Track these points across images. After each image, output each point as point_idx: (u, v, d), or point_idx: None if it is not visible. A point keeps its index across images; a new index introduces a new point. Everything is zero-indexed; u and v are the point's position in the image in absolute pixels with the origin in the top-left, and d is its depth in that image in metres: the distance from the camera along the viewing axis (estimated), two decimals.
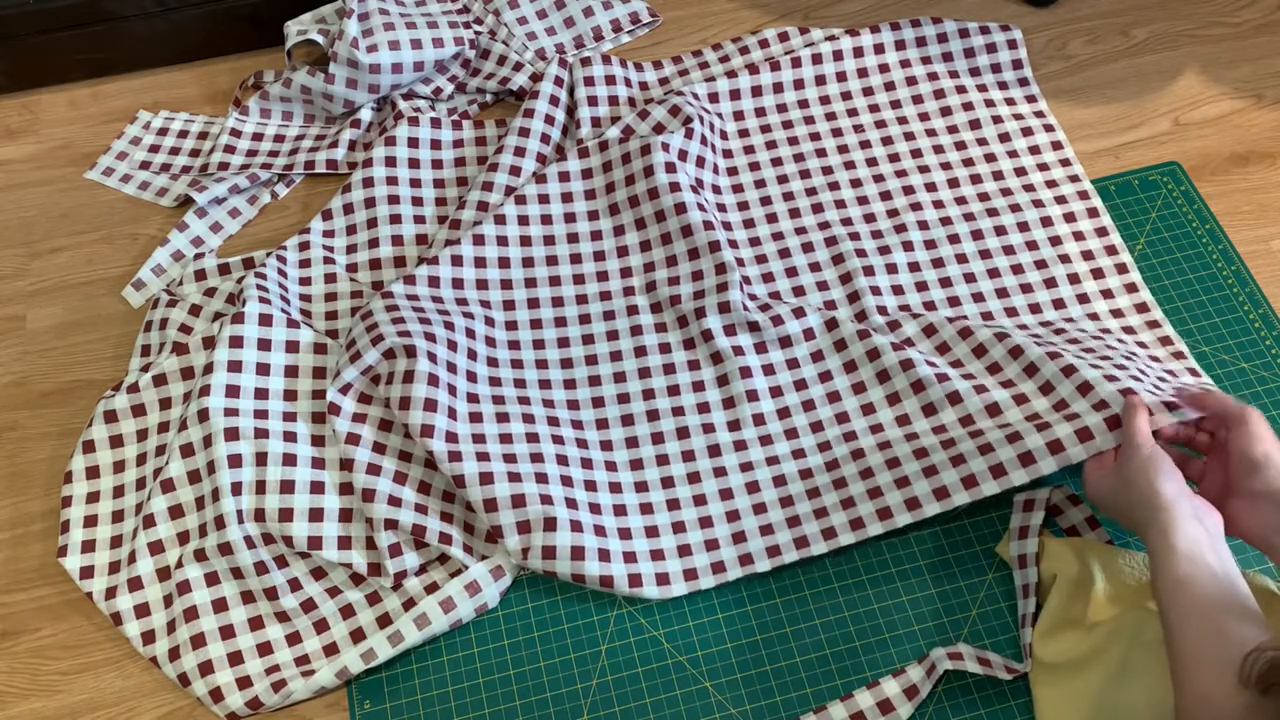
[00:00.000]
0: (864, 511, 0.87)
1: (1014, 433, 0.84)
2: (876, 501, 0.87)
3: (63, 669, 0.86)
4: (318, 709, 0.84)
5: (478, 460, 0.88)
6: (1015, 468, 0.83)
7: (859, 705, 0.81)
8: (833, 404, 0.94)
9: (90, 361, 1.02)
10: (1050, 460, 0.82)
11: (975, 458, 0.84)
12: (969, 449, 0.85)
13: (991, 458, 0.84)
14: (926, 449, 0.87)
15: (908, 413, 0.91)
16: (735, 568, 0.87)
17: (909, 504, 0.86)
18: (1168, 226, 1.05)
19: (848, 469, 0.89)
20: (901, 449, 0.88)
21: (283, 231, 1.10)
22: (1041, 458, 0.82)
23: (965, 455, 0.85)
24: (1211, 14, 1.21)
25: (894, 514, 0.86)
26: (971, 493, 0.84)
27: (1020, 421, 0.85)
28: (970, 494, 0.84)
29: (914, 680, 0.81)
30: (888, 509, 0.86)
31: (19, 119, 1.20)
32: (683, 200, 1.01)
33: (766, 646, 0.85)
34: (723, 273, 0.98)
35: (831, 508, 0.88)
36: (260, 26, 1.21)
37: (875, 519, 0.86)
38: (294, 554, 0.88)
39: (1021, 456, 0.83)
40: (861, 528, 0.86)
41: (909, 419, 0.91)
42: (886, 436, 0.90)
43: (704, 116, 1.09)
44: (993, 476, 0.84)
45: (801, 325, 0.97)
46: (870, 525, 0.86)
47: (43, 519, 0.93)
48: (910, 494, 0.86)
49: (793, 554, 0.87)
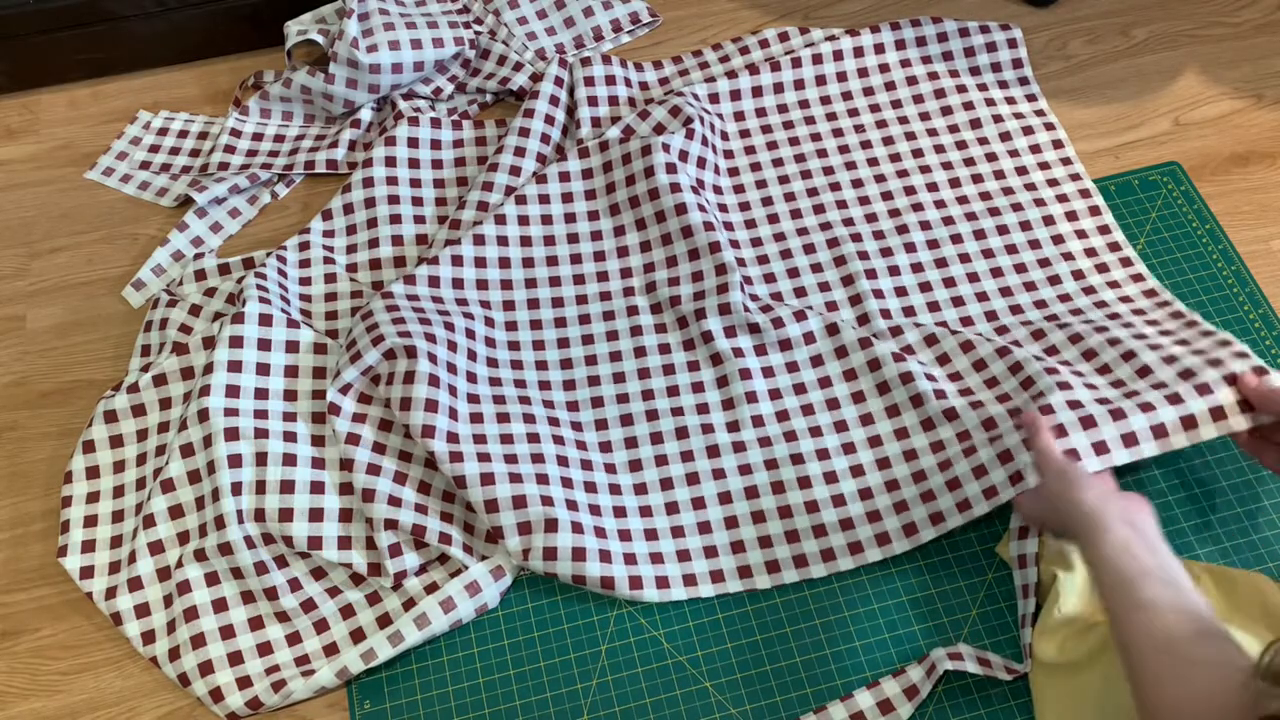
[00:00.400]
0: (863, 535, 0.88)
1: (1005, 451, 0.84)
2: (875, 526, 0.88)
3: (63, 669, 0.86)
4: (318, 709, 0.84)
5: (479, 461, 0.88)
6: (1006, 488, 0.83)
7: (859, 705, 0.81)
8: (831, 411, 0.94)
9: (90, 361, 1.02)
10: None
11: (970, 481, 0.85)
12: (964, 471, 0.86)
13: (985, 480, 0.84)
14: (925, 471, 0.88)
15: (906, 426, 0.92)
16: (735, 579, 0.87)
17: (906, 530, 0.87)
18: (1168, 226, 1.05)
19: (845, 485, 0.90)
20: (900, 470, 0.90)
21: (283, 231, 1.10)
22: (1029, 474, 0.82)
23: (960, 479, 0.86)
24: (1211, 14, 1.21)
25: (892, 540, 0.88)
26: (965, 515, 0.85)
27: (1010, 434, 0.85)
28: (964, 516, 0.85)
29: (914, 680, 0.81)
30: (886, 534, 0.88)
31: (19, 119, 1.20)
32: (683, 201, 1.01)
33: (766, 646, 0.85)
34: (723, 273, 0.98)
35: (830, 527, 0.88)
36: (260, 26, 1.21)
37: (874, 544, 0.88)
38: (294, 554, 0.88)
39: (1012, 476, 0.83)
40: (860, 552, 0.87)
41: (907, 433, 0.91)
42: (885, 453, 0.91)
43: (704, 117, 1.09)
44: (985, 499, 0.84)
45: (802, 328, 0.97)
46: (869, 551, 0.88)
47: (43, 519, 0.93)
48: (908, 519, 0.88)
49: (792, 574, 0.87)
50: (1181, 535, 0.87)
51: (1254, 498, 0.89)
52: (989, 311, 0.99)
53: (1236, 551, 0.86)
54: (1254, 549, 0.86)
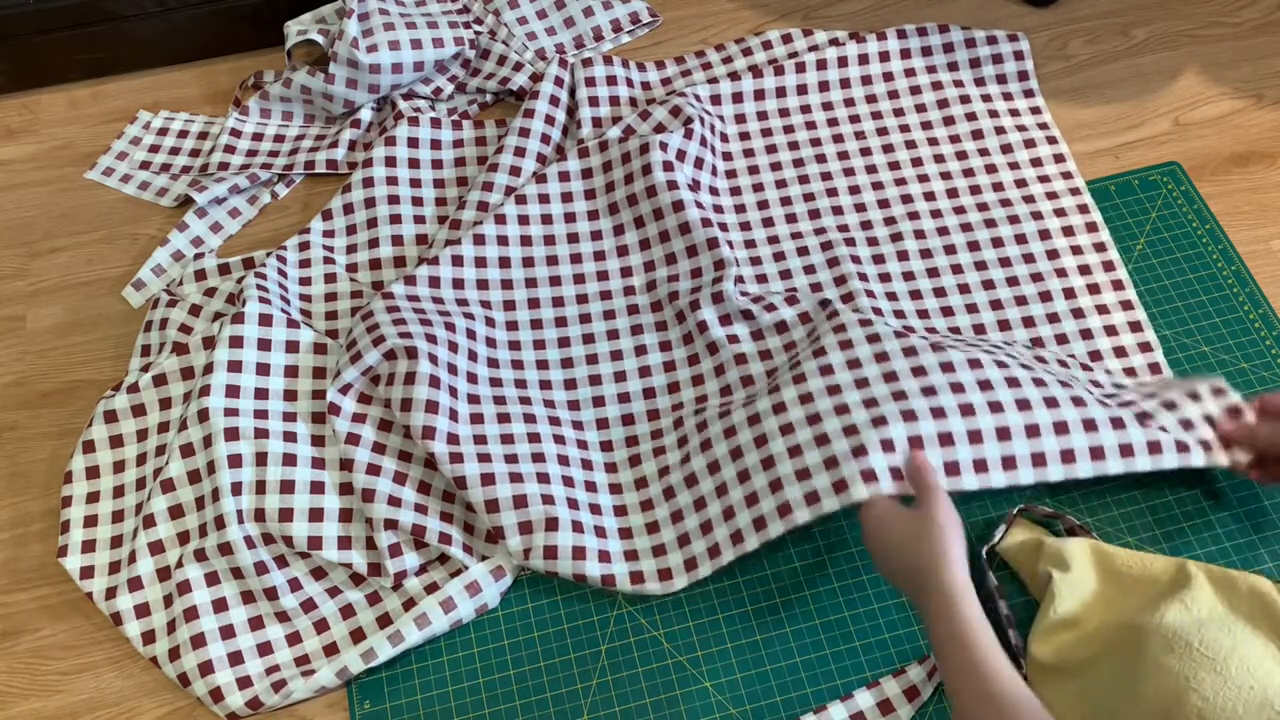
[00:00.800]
0: (847, 473, 0.80)
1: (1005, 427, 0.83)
2: (860, 461, 0.81)
3: (63, 669, 0.86)
4: (318, 709, 0.84)
5: (479, 461, 0.88)
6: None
7: (859, 705, 0.81)
8: (832, 397, 0.88)
9: (90, 361, 1.02)
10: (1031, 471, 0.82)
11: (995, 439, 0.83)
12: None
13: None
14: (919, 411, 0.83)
15: (905, 389, 0.85)
16: (729, 548, 0.85)
17: (894, 473, 0.81)
18: (1168, 226, 1.05)
19: (838, 445, 0.83)
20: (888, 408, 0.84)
21: (283, 231, 1.10)
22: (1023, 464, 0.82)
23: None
24: (1211, 14, 1.21)
25: (879, 479, 0.80)
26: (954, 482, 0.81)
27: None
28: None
29: (914, 681, 0.81)
30: (872, 471, 0.80)
31: (19, 119, 1.20)
32: (680, 198, 1.01)
33: (766, 646, 0.85)
34: (720, 269, 0.98)
35: (814, 468, 0.82)
36: (260, 26, 1.21)
37: (859, 480, 0.80)
38: (294, 554, 0.88)
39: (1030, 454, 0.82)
40: (845, 490, 0.80)
41: (906, 396, 0.84)
42: (881, 412, 0.84)
43: (704, 118, 1.09)
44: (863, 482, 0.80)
45: (796, 310, 0.95)
46: (854, 488, 0.80)
47: (43, 519, 0.93)
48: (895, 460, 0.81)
49: (778, 525, 0.82)
50: (1181, 535, 0.87)
51: (1254, 498, 0.89)
52: (977, 324, 0.98)
53: (1237, 551, 0.86)
54: (1254, 549, 0.86)
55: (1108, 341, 0.97)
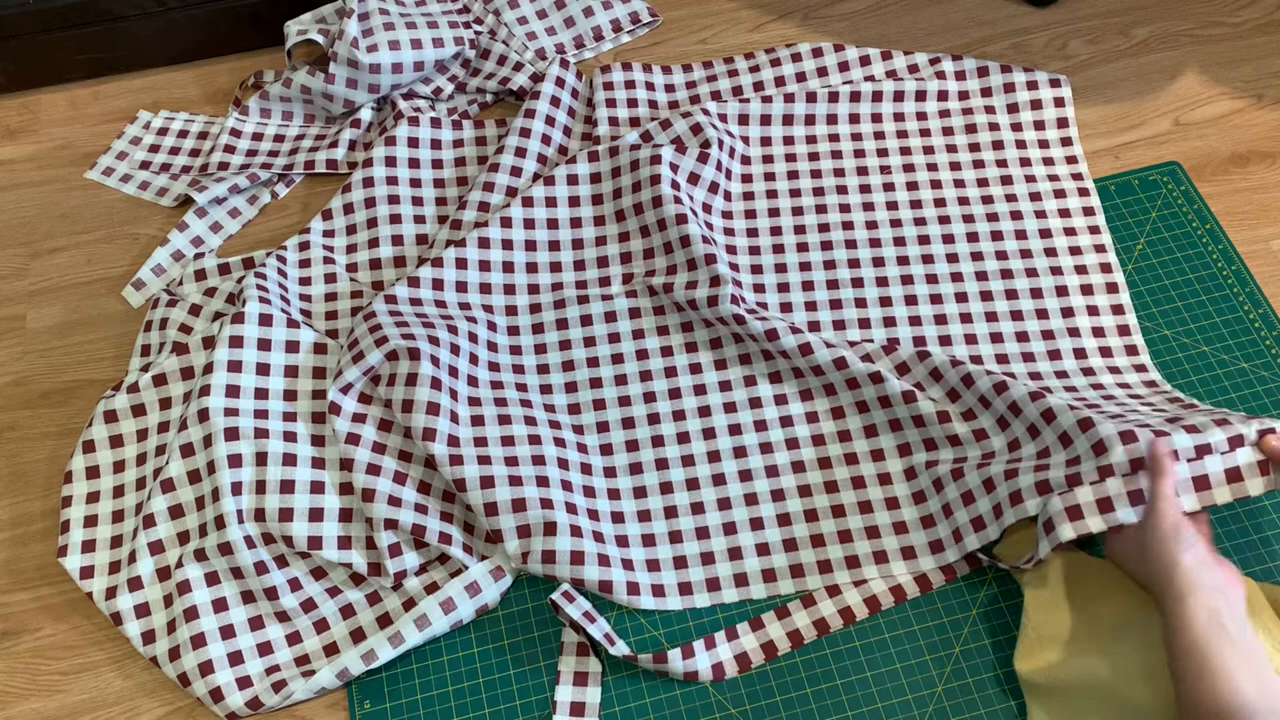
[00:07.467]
0: (860, 552, 0.88)
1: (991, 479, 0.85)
2: (873, 543, 0.88)
3: (63, 669, 0.86)
4: (318, 709, 0.84)
5: (479, 464, 0.88)
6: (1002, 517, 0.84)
7: (847, 601, 0.86)
8: (836, 419, 0.94)
9: (90, 361, 1.02)
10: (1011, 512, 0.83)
11: (959, 509, 0.86)
12: (954, 497, 0.87)
13: (973, 509, 0.85)
14: (924, 492, 0.89)
15: (909, 442, 0.92)
16: (730, 588, 0.87)
17: (905, 552, 0.88)
18: (1168, 226, 1.05)
19: (846, 497, 0.90)
20: (900, 488, 0.90)
21: (283, 231, 1.10)
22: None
23: (951, 506, 0.87)
24: (1211, 14, 1.21)
25: (890, 560, 0.88)
26: (959, 547, 0.86)
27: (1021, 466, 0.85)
28: (959, 549, 0.86)
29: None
30: (884, 553, 0.88)
31: (19, 119, 1.20)
32: (684, 213, 1.01)
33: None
34: (716, 285, 0.97)
35: (828, 538, 0.89)
36: (260, 26, 1.21)
37: (870, 560, 0.88)
38: (294, 554, 0.88)
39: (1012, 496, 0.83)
40: (856, 566, 0.88)
41: (910, 450, 0.91)
42: (886, 468, 0.91)
43: (724, 141, 1.07)
44: (974, 529, 0.85)
45: (798, 340, 0.94)
46: (865, 567, 0.88)
47: (43, 519, 0.93)
48: (907, 542, 0.88)
49: (788, 584, 0.87)
50: None
51: (1254, 498, 0.89)
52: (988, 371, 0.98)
53: (1237, 551, 0.86)
54: (1254, 549, 0.86)
55: (1111, 380, 0.95)
